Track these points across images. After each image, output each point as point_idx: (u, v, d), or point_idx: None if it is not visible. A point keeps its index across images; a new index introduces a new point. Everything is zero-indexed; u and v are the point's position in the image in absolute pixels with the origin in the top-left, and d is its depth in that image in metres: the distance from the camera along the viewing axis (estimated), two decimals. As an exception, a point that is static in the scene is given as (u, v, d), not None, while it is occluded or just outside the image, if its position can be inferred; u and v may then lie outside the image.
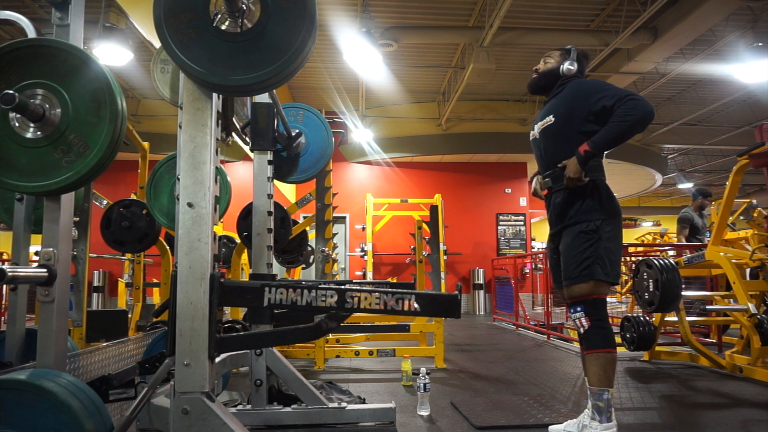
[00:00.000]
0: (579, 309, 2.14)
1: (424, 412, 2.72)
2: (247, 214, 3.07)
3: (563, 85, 2.40)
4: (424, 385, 2.73)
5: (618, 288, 10.87)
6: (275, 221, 2.66)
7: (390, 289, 1.43)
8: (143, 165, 3.94)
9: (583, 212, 2.19)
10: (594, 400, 2.09)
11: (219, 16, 1.36)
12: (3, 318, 5.05)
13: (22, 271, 1.47)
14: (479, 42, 7.04)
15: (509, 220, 11.27)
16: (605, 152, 2.19)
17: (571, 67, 2.41)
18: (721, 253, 3.93)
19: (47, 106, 1.43)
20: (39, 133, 1.43)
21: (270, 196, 2.40)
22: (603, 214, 2.19)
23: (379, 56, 6.94)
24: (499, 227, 11.24)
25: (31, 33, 1.99)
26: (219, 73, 1.35)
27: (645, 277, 3.69)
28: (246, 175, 9.39)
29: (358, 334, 4.54)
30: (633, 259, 6.94)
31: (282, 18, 1.36)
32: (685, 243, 5.88)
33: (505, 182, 11.37)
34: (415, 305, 1.42)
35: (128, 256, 5.50)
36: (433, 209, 5.77)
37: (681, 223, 6.37)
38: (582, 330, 2.14)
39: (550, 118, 2.33)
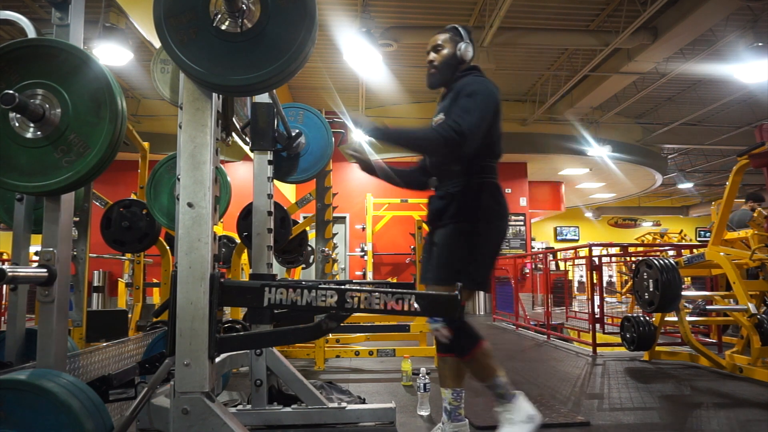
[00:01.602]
0: (437, 320, 1.96)
1: (424, 412, 2.72)
2: (247, 214, 3.07)
3: (463, 77, 2.17)
4: (424, 385, 2.73)
5: (617, 288, 10.86)
6: (275, 221, 2.66)
7: (390, 289, 1.43)
8: (143, 165, 3.94)
9: (461, 212, 2.06)
10: (493, 392, 2.04)
11: (219, 16, 1.36)
12: (3, 318, 5.05)
13: (22, 271, 1.47)
14: (479, 42, 7.04)
15: (509, 220, 11.26)
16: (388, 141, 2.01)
17: (469, 49, 2.18)
18: (721, 253, 3.93)
19: (47, 106, 1.43)
20: (39, 133, 1.43)
21: (270, 196, 2.40)
22: (482, 215, 2.06)
23: (379, 56, 6.94)
24: (499, 227, 11.22)
25: (31, 33, 1.98)
26: (219, 73, 1.35)
27: (645, 277, 3.69)
28: (246, 175, 9.38)
29: (358, 334, 4.54)
30: (633, 259, 6.94)
31: (282, 18, 1.36)
32: None
33: (505, 182, 11.20)
34: (415, 305, 1.42)
35: (128, 256, 5.50)
36: (433, 209, 5.76)
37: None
38: (444, 339, 1.97)
39: (441, 117, 2.14)
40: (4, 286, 4.48)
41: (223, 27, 1.37)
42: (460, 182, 2.11)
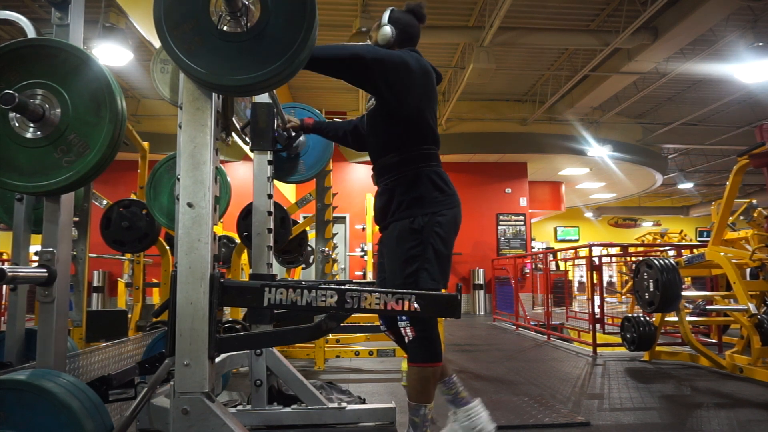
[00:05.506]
0: (404, 318, 1.88)
1: (424, 412, 2.71)
2: (247, 214, 3.07)
3: None
4: (424, 385, 2.72)
5: (618, 288, 10.87)
6: (275, 221, 2.66)
7: (390, 289, 1.43)
8: (143, 165, 3.94)
9: (407, 207, 1.93)
10: (410, 415, 1.89)
11: (220, 18, 1.36)
12: (3, 318, 5.05)
13: (22, 271, 1.47)
14: (479, 42, 7.04)
15: (509, 220, 11.27)
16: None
17: (385, 31, 2.09)
18: (721, 253, 3.93)
19: (47, 106, 1.43)
20: (39, 133, 1.43)
21: (270, 196, 2.40)
22: (431, 208, 1.92)
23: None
24: (499, 227, 11.24)
25: (31, 33, 1.98)
26: (225, 74, 1.34)
27: (645, 277, 3.69)
28: (246, 175, 9.38)
29: (358, 334, 4.53)
30: (633, 259, 6.94)
31: (283, 16, 1.36)
32: None
33: (505, 182, 11.37)
34: (415, 305, 1.42)
35: (128, 256, 5.49)
36: (433, 209, 5.76)
37: None
38: (407, 339, 1.90)
39: (373, 102, 2.05)
40: (4, 286, 4.48)
41: (225, 28, 1.36)
42: (397, 174, 1.98)
